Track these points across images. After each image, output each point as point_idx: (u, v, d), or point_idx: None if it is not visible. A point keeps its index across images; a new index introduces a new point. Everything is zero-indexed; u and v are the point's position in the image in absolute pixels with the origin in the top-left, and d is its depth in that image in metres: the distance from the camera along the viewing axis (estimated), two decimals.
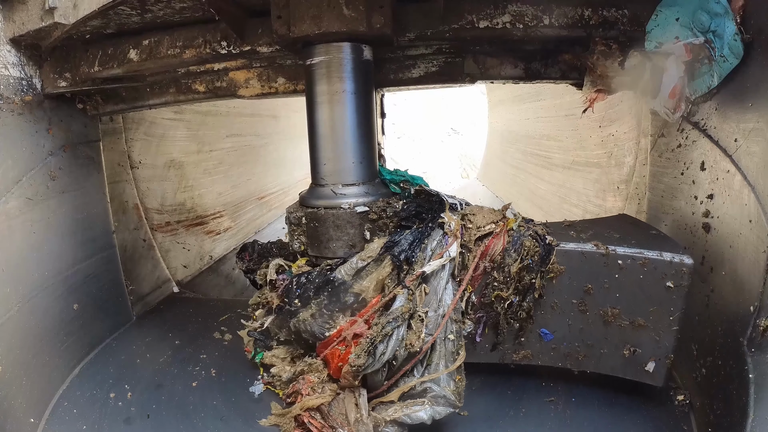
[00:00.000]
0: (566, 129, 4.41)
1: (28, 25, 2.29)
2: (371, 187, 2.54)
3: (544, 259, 2.14)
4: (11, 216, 2.30)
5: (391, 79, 2.77)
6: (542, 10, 2.33)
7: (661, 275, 1.98)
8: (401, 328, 2.11)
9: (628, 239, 2.12)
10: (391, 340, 2.09)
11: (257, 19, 2.48)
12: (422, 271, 2.17)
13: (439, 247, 2.25)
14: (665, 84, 2.12)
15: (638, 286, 2.03)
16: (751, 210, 1.64)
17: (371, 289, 2.28)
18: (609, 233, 2.21)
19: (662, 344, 2.05)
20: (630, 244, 2.07)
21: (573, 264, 2.11)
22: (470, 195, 7.54)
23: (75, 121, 2.86)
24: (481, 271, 2.22)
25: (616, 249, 2.05)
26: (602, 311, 2.10)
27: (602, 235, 2.18)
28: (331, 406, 2.13)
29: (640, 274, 2.01)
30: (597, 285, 2.09)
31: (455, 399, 2.05)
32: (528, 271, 2.15)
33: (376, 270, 2.29)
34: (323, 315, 2.29)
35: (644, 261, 2.00)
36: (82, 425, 2.27)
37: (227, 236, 5.01)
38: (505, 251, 2.20)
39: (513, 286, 2.18)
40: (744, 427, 1.49)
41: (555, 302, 2.17)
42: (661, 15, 2.07)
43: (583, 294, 2.12)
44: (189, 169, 4.38)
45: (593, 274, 2.09)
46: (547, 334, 2.22)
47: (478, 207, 2.48)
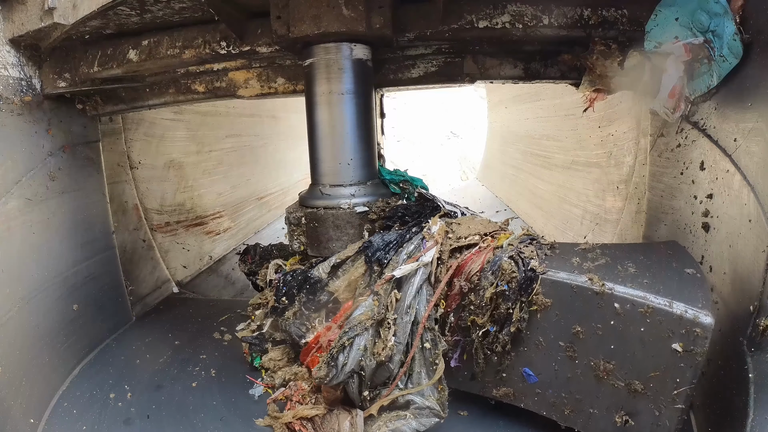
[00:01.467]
0: (566, 129, 4.42)
1: (27, 25, 2.29)
2: (371, 188, 2.54)
3: (524, 287, 1.83)
4: (11, 217, 2.30)
5: (391, 79, 2.77)
6: (542, 10, 2.33)
7: (666, 332, 1.59)
8: (362, 337, 1.98)
9: (641, 276, 1.73)
10: (352, 350, 1.97)
11: (257, 20, 2.49)
12: (392, 275, 2.02)
13: (416, 252, 2.09)
14: (665, 84, 2.12)
15: (638, 341, 1.64)
16: (751, 209, 1.64)
17: (342, 288, 2.20)
18: (626, 265, 1.81)
19: (662, 422, 1.64)
20: (637, 284, 1.68)
21: (562, 298, 1.78)
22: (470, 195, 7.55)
23: (74, 121, 2.86)
24: (457, 290, 1.97)
25: (614, 288, 1.67)
26: (593, 362, 1.74)
27: (614, 267, 1.81)
28: (325, 419, 2.06)
29: (641, 326, 1.63)
30: (588, 329, 1.74)
31: (439, 409, 1.95)
32: (504, 299, 1.87)
33: (351, 270, 2.23)
34: (302, 315, 2.25)
35: (647, 309, 1.62)
36: (82, 426, 2.26)
37: (227, 236, 5.01)
38: (483, 271, 1.92)
39: (489, 314, 1.92)
40: (744, 427, 1.49)
41: (540, 340, 1.85)
42: (660, 15, 2.07)
43: (572, 337, 1.77)
44: (188, 169, 4.37)
45: (585, 314, 1.73)
46: (530, 375, 1.91)
47: (473, 217, 2.29)
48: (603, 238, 3.54)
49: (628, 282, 1.70)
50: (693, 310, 1.57)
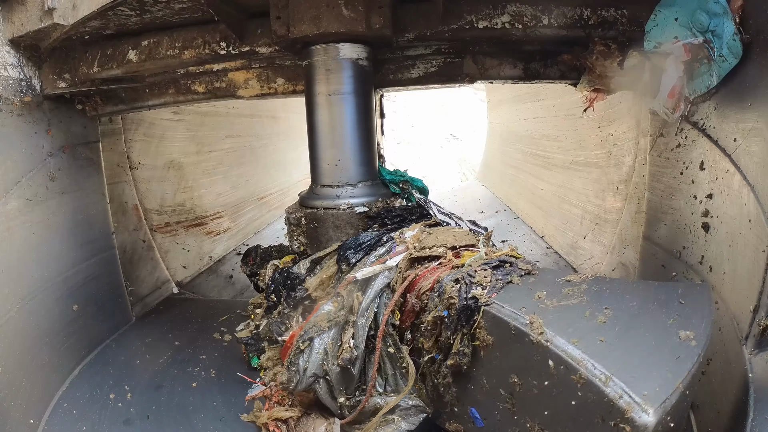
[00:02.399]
0: (566, 129, 4.41)
1: (27, 26, 2.29)
2: (371, 188, 2.55)
3: (462, 317, 1.62)
4: (11, 217, 2.30)
5: (391, 80, 2.78)
6: (541, 11, 2.33)
7: (596, 416, 1.21)
8: (320, 340, 1.94)
9: (607, 330, 1.36)
10: (312, 353, 1.92)
11: (256, 20, 2.49)
12: (354, 277, 1.96)
13: (385, 255, 2.02)
14: (664, 84, 2.12)
15: (569, 416, 1.30)
16: (751, 209, 1.64)
17: (314, 286, 2.17)
18: (603, 310, 1.45)
19: None
20: (587, 340, 1.31)
21: (503, 339, 1.50)
22: (470, 195, 7.55)
23: (74, 122, 2.86)
24: (410, 306, 1.83)
25: (552, 340, 1.33)
26: (529, 424, 1.44)
27: (582, 310, 1.47)
28: (300, 422, 2.02)
29: (572, 397, 1.27)
30: (525, 383, 1.44)
31: (424, 404, 1.88)
32: (445, 327, 1.69)
33: (325, 267, 2.21)
34: (283, 313, 2.24)
35: (578, 378, 1.25)
36: (82, 426, 2.26)
37: (227, 237, 5.01)
38: (432, 291, 1.75)
39: (434, 339, 1.75)
40: (744, 427, 1.49)
41: (485, 382, 1.58)
42: (660, 15, 2.07)
43: (511, 387, 1.50)
44: (188, 169, 4.37)
45: (523, 365, 1.44)
46: (477, 418, 1.69)
47: (457, 229, 2.17)
48: (603, 238, 3.54)
49: (578, 335, 1.32)
50: (631, 397, 1.13)
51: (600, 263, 3.53)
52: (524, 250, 4.72)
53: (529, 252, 4.65)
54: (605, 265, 3.44)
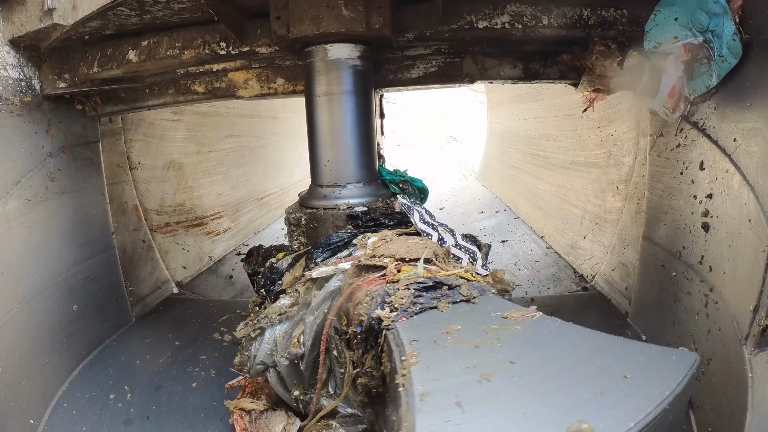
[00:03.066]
0: (565, 129, 4.42)
1: (27, 26, 2.29)
2: (371, 188, 2.55)
3: (370, 337, 1.51)
4: (10, 218, 2.30)
5: (390, 80, 2.78)
6: (541, 11, 2.34)
7: None
8: (271, 330, 1.94)
9: (484, 389, 1.03)
10: (263, 342, 1.94)
11: (256, 20, 2.49)
12: (310, 275, 1.97)
13: (345, 257, 2.01)
14: (664, 84, 2.12)
15: None
16: (751, 209, 1.64)
17: (288, 282, 2.19)
18: (511, 361, 1.12)
19: None
20: (433, 397, 1.01)
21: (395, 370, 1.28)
22: (469, 195, 7.55)
23: (74, 122, 2.86)
24: (352, 314, 1.72)
25: (407, 385, 1.09)
26: None
27: (479, 356, 1.16)
28: (262, 415, 2.04)
29: None
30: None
31: (363, 415, 1.77)
32: (357, 344, 1.61)
33: (297, 265, 2.24)
34: (266, 306, 2.25)
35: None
36: (82, 426, 2.26)
37: (227, 237, 5.01)
38: (358, 305, 1.65)
39: (358, 352, 1.66)
40: (743, 427, 1.49)
41: (389, 413, 1.31)
42: (659, 15, 2.07)
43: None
44: (188, 170, 4.37)
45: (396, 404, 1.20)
46: None
47: (418, 240, 2.01)
48: (602, 238, 3.54)
49: (436, 388, 1.05)
50: None
51: (600, 263, 3.53)
52: (524, 250, 4.72)
53: (529, 252, 4.65)
54: (605, 264, 3.44)
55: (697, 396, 2.03)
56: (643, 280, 2.75)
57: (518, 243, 4.98)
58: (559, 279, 3.90)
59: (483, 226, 5.75)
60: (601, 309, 3.19)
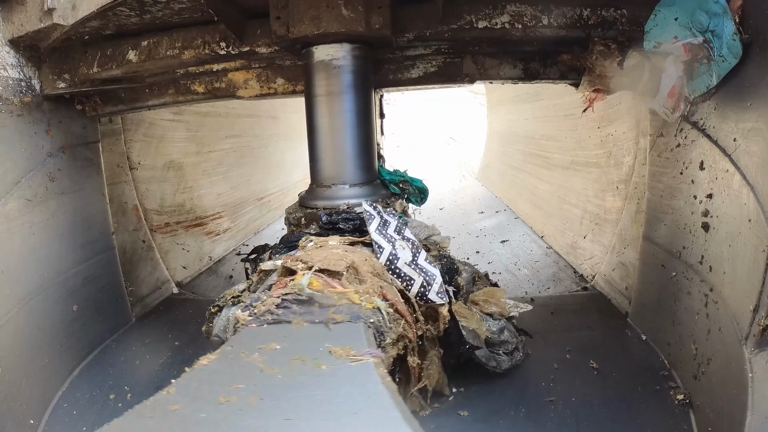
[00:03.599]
0: (565, 129, 4.42)
1: (26, 26, 2.29)
2: (370, 188, 2.55)
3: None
4: (10, 218, 2.30)
5: (390, 80, 2.78)
6: (541, 11, 2.34)
7: None
8: (228, 309, 2.05)
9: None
10: (220, 318, 2.09)
11: (256, 20, 2.49)
12: (261, 268, 2.11)
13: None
14: (664, 84, 2.12)
15: None
16: (751, 209, 1.64)
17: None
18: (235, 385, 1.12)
19: None
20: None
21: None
22: (469, 195, 7.54)
23: (74, 122, 2.86)
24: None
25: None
26: None
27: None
28: None
29: None
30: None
31: None
32: None
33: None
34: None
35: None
36: (82, 426, 2.26)
37: (227, 237, 5.01)
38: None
39: None
40: (743, 426, 1.49)
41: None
42: (659, 15, 2.07)
43: None
44: (188, 170, 4.37)
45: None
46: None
47: (351, 249, 2.00)
48: (602, 238, 3.54)
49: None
50: None
51: (600, 263, 3.53)
52: (524, 250, 4.72)
53: (529, 252, 4.66)
54: (605, 264, 3.44)
55: (697, 396, 2.04)
56: (643, 280, 2.75)
57: (518, 243, 4.98)
58: (559, 279, 3.90)
59: (483, 226, 5.75)
60: (601, 309, 3.19)
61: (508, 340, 2.39)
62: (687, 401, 2.10)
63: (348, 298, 1.60)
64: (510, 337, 2.42)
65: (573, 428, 2.07)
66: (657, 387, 2.24)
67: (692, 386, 2.09)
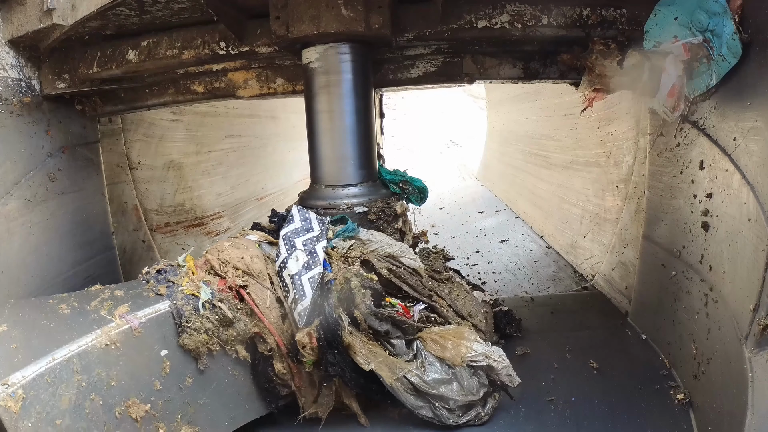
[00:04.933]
0: (565, 128, 4.42)
1: (26, 26, 2.29)
2: (370, 188, 2.54)
3: None
4: (10, 218, 2.30)
5: (390, 79, 2.77)
6: (541, 10, 2.34)
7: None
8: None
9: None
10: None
11: (256, 20, 2.49)
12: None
13: None
14: (664, 83, 2.12)
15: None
16: (750, 209, 1.64)
17: None
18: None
19: None
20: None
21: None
22: (469, 195, 7.55)
23: (74, 122, 2.86)
24: None
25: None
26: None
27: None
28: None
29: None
30: None
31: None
32: None
33: None
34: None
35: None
36: None
37: (226, 237, 5.00)
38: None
39: None
40: (743, 426, 1.49)
41: None
42: (659, 14, 2.07)
43: None
44: (188, 170, 4.37)
45: None
46: None
47: (252, 246, 2.15)
48: (602, 238, 3.54)
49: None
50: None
51: (600, 262, 3.54)
52: (524, 250, 4.72)
53: (528, 251, 4.66)
54: (605, 264, 3.44)
55: (697, 395, 2.04)
56: (643, 280, 2.75)
57: (518, 242, 4.98)
58: (559, 278, 3.90)
59: (483, 226, 5.75)
60: (601, 308, 3.19)
61: (448, 396, 2.00)
62: (687, 400, 2.10)
63: (183, 281, 1.94)
64: (458, 393, 2.02)
65: (573, 428, 2.07)
66: (657, 386, 2.24)
67: (692, 385, 2.09)
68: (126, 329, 1.66)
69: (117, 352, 1.62)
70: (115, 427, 1.60)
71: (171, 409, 1.78)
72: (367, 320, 1.99)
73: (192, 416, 1.84)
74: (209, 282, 1.92)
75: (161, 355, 1.74)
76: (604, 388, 2.29)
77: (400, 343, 2.07)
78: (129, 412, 1.63)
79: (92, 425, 1.53)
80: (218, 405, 1.93)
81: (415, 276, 2.37)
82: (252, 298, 1.93)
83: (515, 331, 2.77)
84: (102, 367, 1.58)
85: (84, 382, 1.53)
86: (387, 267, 2.27)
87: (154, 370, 1.73)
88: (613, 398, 2.22)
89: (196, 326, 1.80)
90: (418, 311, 2.27)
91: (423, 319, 2.27)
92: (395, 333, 2.07)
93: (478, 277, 4.07)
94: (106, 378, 1.59)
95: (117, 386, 1.62)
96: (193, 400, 1.84)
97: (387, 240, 2.38)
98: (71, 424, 1.48)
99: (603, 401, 2.21)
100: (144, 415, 1.66)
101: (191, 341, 1.79)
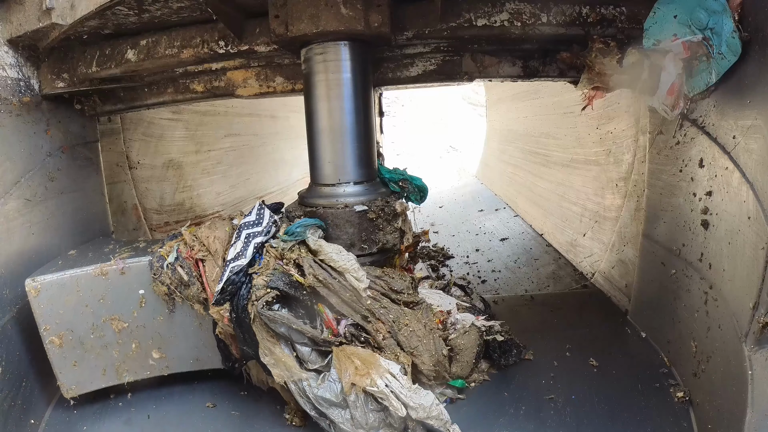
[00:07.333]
0: (565, 127, 4.42)
1: (25, 26, 2.28)
2: (370, 186, 2.54)
3: None
4: (10, 218, 2.29)
5: (390, 78, 2.77)
6: (540, 8, 2.33)
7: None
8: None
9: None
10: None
11: (255, 19, 2.48)
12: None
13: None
14: (663, 81, 2.12)
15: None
16: (750, 207, 1.64)
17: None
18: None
19: None
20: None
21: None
22: (469, 193, 7.55)
23: (73, 122, 2.85)
24: None
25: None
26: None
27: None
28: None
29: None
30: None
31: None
32: None
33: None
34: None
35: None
36: (83, 426, 2.27)
37: None
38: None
39: None
40: (743, 424, 1.49)
41: None
42: (659, 12, 2.07)
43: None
44: (187, 169, 4.37)
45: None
46: None
47: (220, 231, 2.38)
48: (602, 236, 3.55)
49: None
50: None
51: (599, 261, 3.54)
52: (524, 248, 4.72)
53: (528, 250, 4.66)
54: (605, 262, 3.44)
55: (696, 393, 2.04)
56: (643, 278, 2.76)
57: (518, 241, 4.98)
58: (559, 277, 3.91)
59: (482, 224, 5.75)
60: (600, 307, 3.19)
61: (338, 422, 1.98)
62: (687, 398, 2.11)
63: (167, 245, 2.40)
64: (348, 423, 1.99)
65: (573, 426, 2.08)
66: (657, 384, 2.25)
67: (692, 383, 2.10)
68: (115, 268, 2.27)
69: (107, 281, 2.25)
70: (99, 330, 2.27)
71: (144, 333, 2.34)
72: (261, 316, 2.11)
73: (161, 344, 2.37)
74: (180, 250, 2.34)
75: (139, 293, 2.30)
76: (603, 386, 2.30)
77: (306, 350, 2.18)
78: (111, 324, 2.29)
79: (83, 320, 2.24)
80: (185, 345, 2.40)
81: (350, 291, 2.25)
82: (203, 270, 2.30)
83: (515, 360, 2.55)
84: (95, 288, 2.24)
85: (81, 293, 2.23)
86: (318, 275, 2.20)
87: (133, 301, 2.30)
88: (613, 396, 2.23)
89: (161, 279, 2.29)
90: (344, 326, 2.23)
91: (348, 335, 2.22)
92: (299, 339, 2.16)
93: (478, 276, 4.07)
94: (98, 296, 2.25)
95: (104, 304, 2.26)
96: (164, 333, 2.36)
97: (337, 254, 2.28)
98: (69, 314, 2.22)
99: (603, 399, 2.22)
100: (122, 329, 2.30)
101: (157, 289, 2.29)
